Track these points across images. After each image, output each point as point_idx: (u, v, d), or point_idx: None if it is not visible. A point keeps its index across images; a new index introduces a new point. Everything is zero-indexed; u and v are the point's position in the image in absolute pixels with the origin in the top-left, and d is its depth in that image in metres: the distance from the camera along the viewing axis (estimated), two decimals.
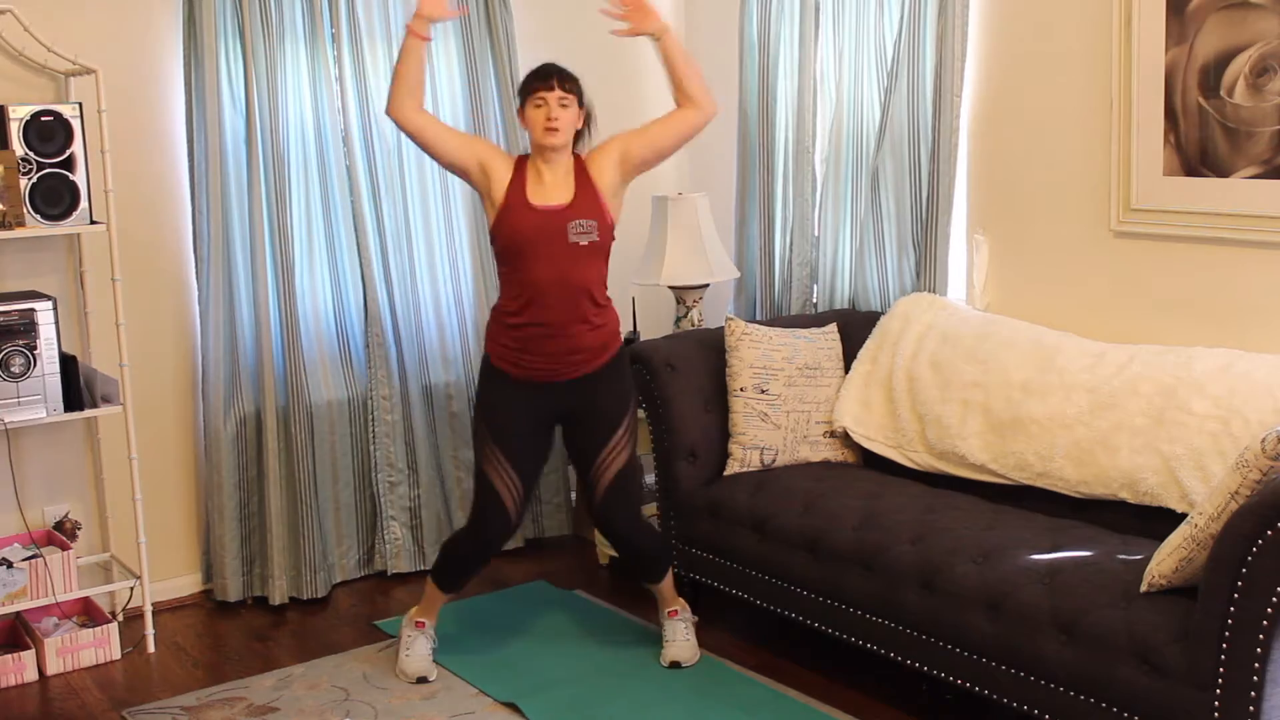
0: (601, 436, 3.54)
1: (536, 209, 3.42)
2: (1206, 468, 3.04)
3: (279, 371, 4.18)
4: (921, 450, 3.67)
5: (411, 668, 3.61)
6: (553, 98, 3.40)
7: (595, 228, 3.44)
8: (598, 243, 3.45)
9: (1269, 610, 2.47)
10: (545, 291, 3.41)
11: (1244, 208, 3.31)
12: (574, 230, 3.41)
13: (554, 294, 3.41)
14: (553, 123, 3.40)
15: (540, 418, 3.55)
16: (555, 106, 3.40)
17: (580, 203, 3.44)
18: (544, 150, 3.44)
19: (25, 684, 3.69)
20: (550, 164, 3.45)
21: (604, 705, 3.41)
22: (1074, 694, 2.79)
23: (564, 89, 3.42)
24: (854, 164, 4.24)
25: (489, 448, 3.50)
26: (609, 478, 3.56)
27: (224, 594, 4.17)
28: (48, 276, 3.93)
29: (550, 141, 3.41)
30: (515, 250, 3.43)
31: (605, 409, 3.55)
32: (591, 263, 3.46)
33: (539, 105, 3.42)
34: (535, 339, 3.44)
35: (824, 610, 3.40)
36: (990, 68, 3.89)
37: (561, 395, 3.51)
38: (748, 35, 4.47)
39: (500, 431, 3.50)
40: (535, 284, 3.41)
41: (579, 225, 3.42)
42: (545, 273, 3.40)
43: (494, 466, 3.50)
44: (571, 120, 3.45)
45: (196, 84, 4.00)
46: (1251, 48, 3.24)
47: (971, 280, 4.00)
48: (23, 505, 3.85)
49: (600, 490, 3.57)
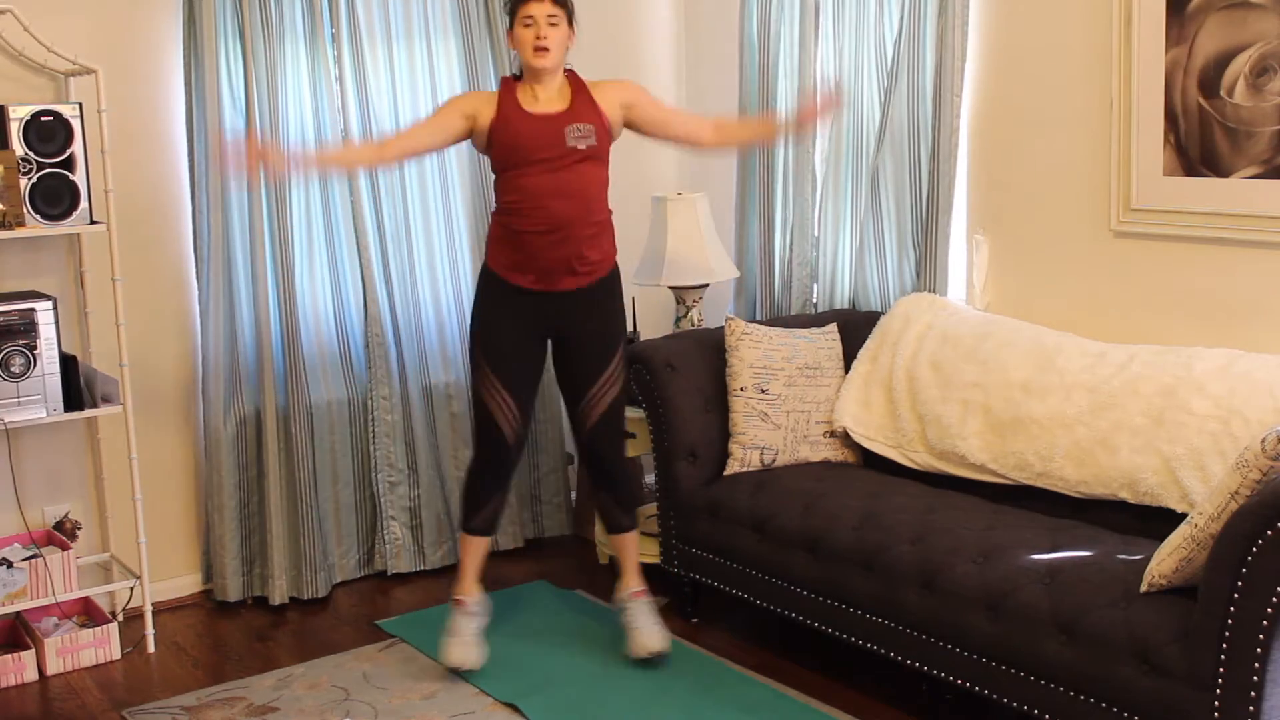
0: (595, 367, 3.55)
1: (532, 115, 3.40)
2: (1206, 468, 3.04)
3: (279, 371, 4.18)
4: (921, 450, 3.67)
5: (450, 656, 3.57)
6: (541, 15, 3.36)
7: (593, 132, 3.41)
8: (595, 147, 3.42)
9: (1269, 610, 2.47)
10: (544, 196, 3.38)
11: (1244, 208, 3.31)
12: (572, 134, 3.38)
13: (553, 199, 3.38)
14: (542, 41, 3.36)
15: (535, 336, 3.54)
16: (544, 25, 3.36)
17: (578, 109, 3.42)
18: (535, 71, 3.40)
19: (25, 684, 3.69)
20: (543, 83, 3.42)
21: (604, 705, 3.41)
22: (1074, 694, 2.79)
23: (554, 4, 3.38)
24: (854, 164, 4.24)
25: (484, 372, 3.52)
26: (600, 410, 3.58)
27: (224, 594, 4.17)
28: (48, 276, 3.94)
29: (540, 62, 3.37)
30: (512, 155, 3.39)
31: (603, 336, 3.56)
32: (590, 169, 3.43)
33: (528, 24, 3.38)
34: (534, 244, 3.42)
35: (824, 610, 3.40)
36: (990, 68, 3.89)
37: (558, 307, 3.50)
38: (748, 35, 4.47)
39: (495, 355, 3.50)
40: (534, 189, 3.38)
41: (577, 129, 3.39)
42: (544, 178, 3.37)
43: (489, 390, 3.51)
44: (562, 39, 3.41)
45: (196, 84, 4.00)
46: (1251, 48, 3.24)
47: (971, 280, 4.00)
48: (23, 505, 3.85)
49: (590, 422, 3.59)
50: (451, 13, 4.42)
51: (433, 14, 4.40)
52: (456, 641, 3.60)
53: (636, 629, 3.63)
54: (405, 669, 3.67)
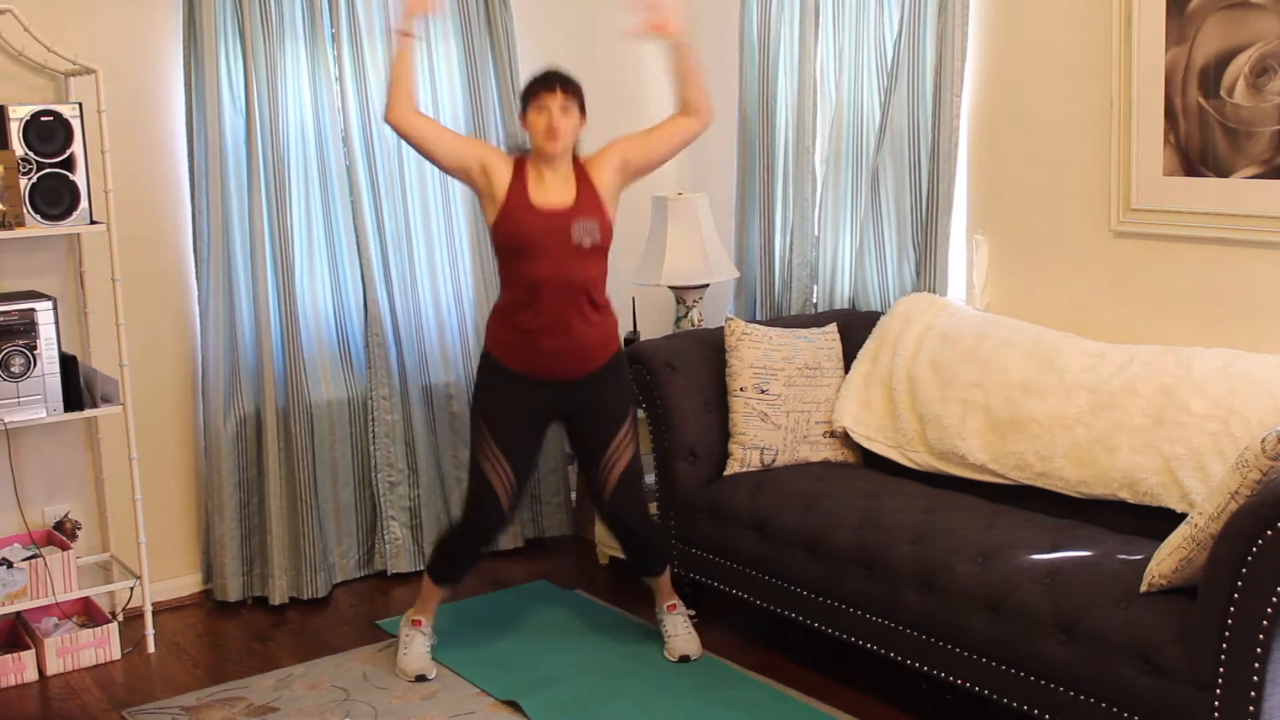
0: (607, 433, 3.57)
1: (540, 210, 3.43)
2: (1206, 468, 3.04)
3: (279, 371, 4.18)
4: (921, 450, 3.67)
5: (410, 666, 3.62)
6: (555, 104, 3.41)
7: (597, 228, 3.45)
8: (599, 244, 3.47)
9: (1269, 610, 2.47)
10: (547, 290, 3.42)
11: (1244, 208, 3.31)
12: (577, 231, 3.42)
13: (556, 293, 3.42)
14: (554, 129, 3.40)
15: (539, 414, 3.57)
16: (557, 113, 3.41)
17: (583, 204, 3.46)
18: (546, 156, 3.45)
19: (25, 684, 3.69)
20: (552, 167, 3.46)
21: (605, 704, 3.41)
22: (1074, 694, 2.79)
23: (566, 95, 3.43)
24: (854, 164, 4.24)
25: (485, 441, 3.52)
26: (617, 473, 3.59)
27: (224, 594, 4.17)
28: (48, 276, 3.93)
29: (551, 149, 3.42)
30: (518, 250, 3.44)
31: (609, 406, 3.58)
32: (593, 263, 3.48)
33: (541, 111, 3.42)
34: (538, 336, 3.45)
35: (824, 610, 3.40)
36: (990, 68, 3.89)
37: (563, 394, 3.53)
38: (748, 35, 4.47)
39: (497, 424, 3.51)
40: (537, 283, 3.42)
41: (582, 226, 3.43)
42: (548, 272, 3.41)
43: (489, 460, 3.51)
44: (573, 126, 3.46)
45: (196, 84, 4.00)
46: (1251, 48, 3.24)
47: (971, 280, 4.00)
48: (23, 505, 3.85)
49: (609, 486, 3.60)
50: (451, 13, 4.42)
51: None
52: (415, 655, 3.65)
53: (672, 635, 3.73)
54: None
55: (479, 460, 3.54)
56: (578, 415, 3.58)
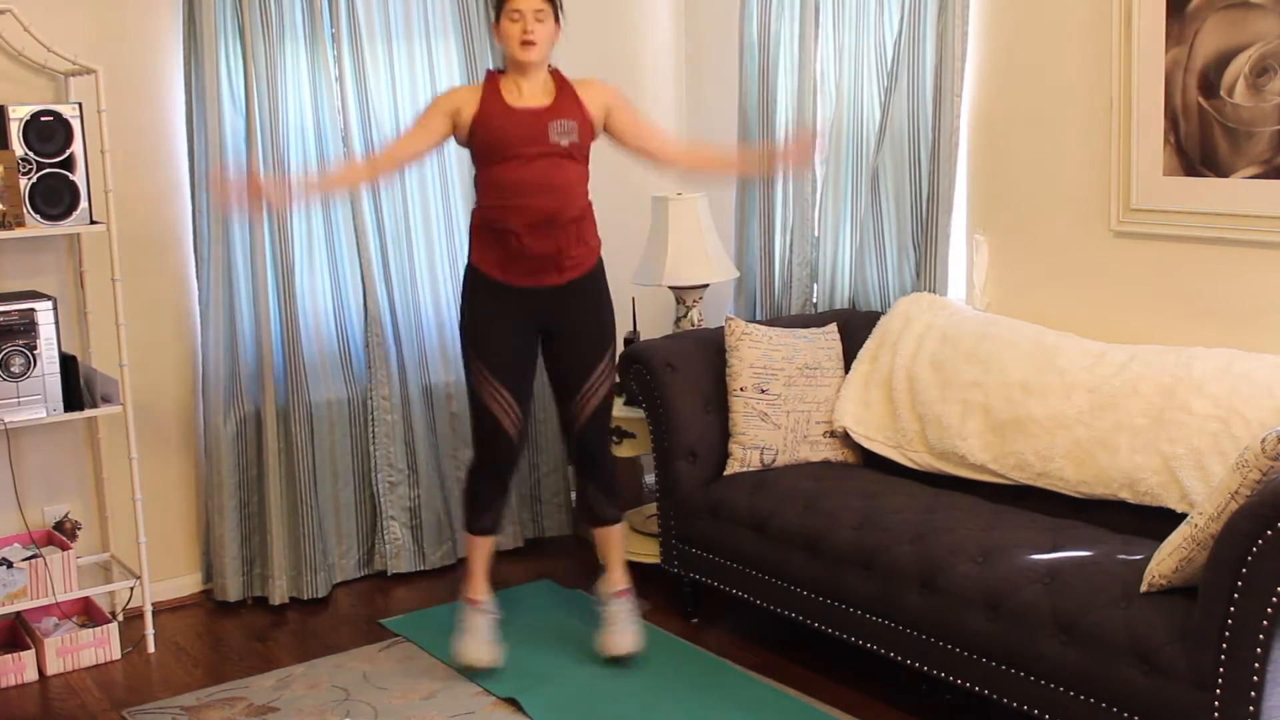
0: (588, 362, 3.56)
1: (515, 109, 3.39)
2: (1206, 468, 3.04)
3: (279, 371, 4.18)
4: (921, 450, 3.67)
5: (463, 654, 3.58)
6: (528, 9, 3.36)
7: (575, 129, 3.40)
8: (578, 144, 3.42)
9: (1269, 610, 2.47)
10: (525, 192, 3.37)
11: (1244, 208, 3.31)
12: (555, 130, 3.38)
13: (534, 195, 3.38)
14: (529, 35, 3.35)
15: (525, 327, 3.54)
16: (531, 19, 3.35)
17: (561, 105, 3.42)
18: (520, 65, 3.40)
19: (25, 684, 3.69)
20: (527, 77, 3.41)
21: (606, 704, 3.41)
22: (1074, 694, 2.79)
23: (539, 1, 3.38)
24: (854, 164, 4.24)
25: (479, 370, 3.51)
26: (593, 405, 3.60)
27: (224, 594, 4.17)
28: (48, 276, 3.94)
29: (527, 56, 3.37)
30: (494, 150, 3.38)
31: (592, 331, 3.56)
32: (572, 165, 3.43)
33: (514, 19, 3.37)
34: (518, 238, 3.41)
35: (824, 610, 3.40)
36: (990, 68, 3.89)
37: (545, 302, 3.50)
38: (748, 35, 4.47)
39: (488, 352, 3.50)
40: (515, 185, 3.37)
41: (560, 125, 3.38)
42: (526, 174, 3.36)
43: (486, 389, 3.50)
44: (549, 33, 3.41)
45: (196, 84, 4.00)
46: (1251, 48, 3.24)
47: (971, 280, 4.00)
48: (23, 505, 3.85)
49: (582, 419, 3.60)
50: (451, 13, 4.42)
51: (433, 14, 4.40)
52: (472, 640, 3.61)
53: (612, 627, 3.64)
54: (405, 669, 3.67)
55: (477, 392, 3.52)
56: (559, 334, 3.55)
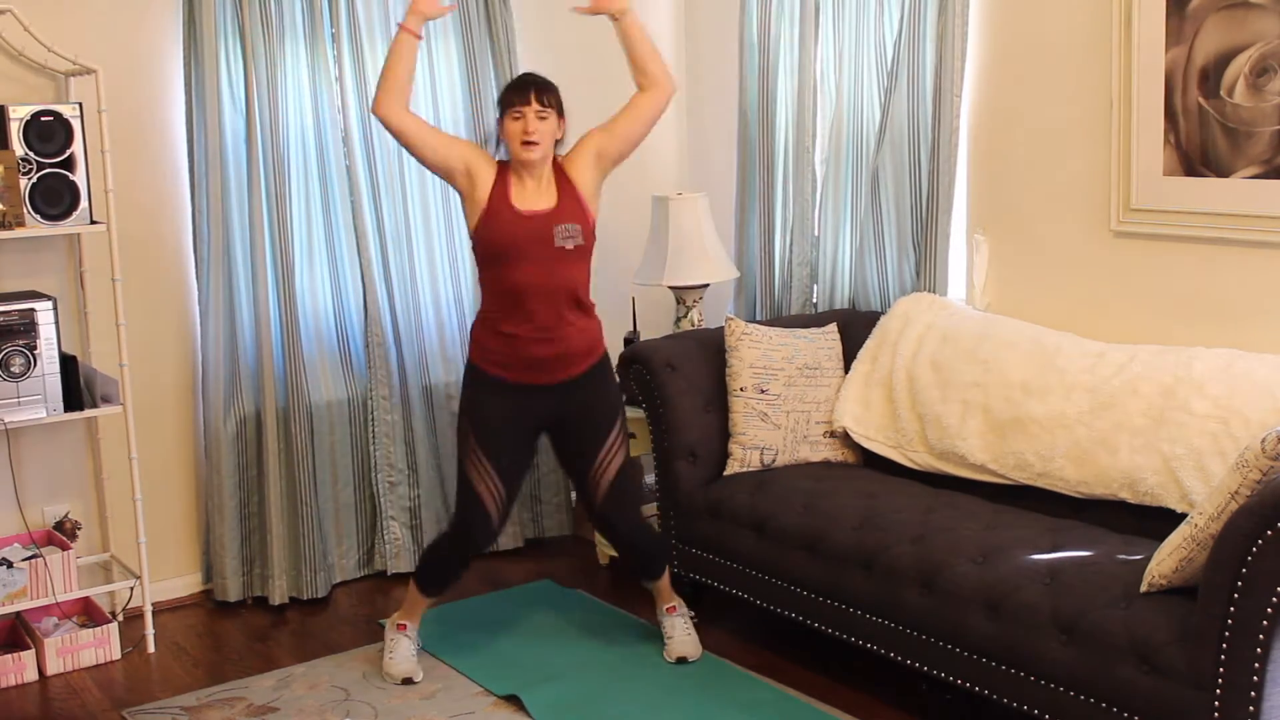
0: (598, 439, 3.54)
1: (522, 214, 3.42)
2: (1206, 468, 3.04)
3: (279, 371, 4.18)
4: (921, 450, 3.67)
5: (396, 669, 3.60)
6: (530, 111, 3.40)
7: (580, 231, 3.44)
8: (583, 246, 3.45)
9: (1269, 610, 2.47)
10: (531, 295, 3.41)
11: (1244, 208, 3.31)
12: (560, 235, 3.41)
13: (540, 298, 3.41)
14: (530, 136, 3.39)
15: (526, 423, 3.54)
16: (533, 120, 3.39)
17: (564, 207, 3.45)
18: (524, 163, 3.44)
19: (25, 684, 3.69)
20: (532, 173, 3.45)
21: (606, 702, 3.41)
22: (1074, 694, 2.79)
23: (541, 102, 3.41)
24: (854, 164, 4.24)
25: (473, 451, 3.50)
26: (608, 479, 3.56)
27: (224, 594, 4.17)
28: (48, 276, 3.93)
29: (529, 155, 3.41)
30: (501, 255, 3.42)
31: (597, 412, 3.55)
32: (576, 265, 3.46)
33: (517, 119, 3.41)
34: (523, 343, 3.44)
35: (824, 610, 3.40)
36: (990, 68, 3.89)
37: (549, 400, 3.51)
38: (748, 35, 4.47)
39: (485, 434, 3.49)
40: (521, 289, 3.41)
41: (565, 230, 3.42)
42: (531, 277, 3.40)
43: (477, 470, 3.49)
44: (550, 132, 3.44)
45: (196, 84, 4.00)
46: (1251, 48, 3.24)
47: (971, 280, 4.00)
48: (23, 505, 3.85)
49: (600, 493, 3.58)
50: (451, 13, 4.41)
51: None
52: (401, 659, 3.62)
53: (671, 637, 3.71)
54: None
55: (466, 470, 3.51)
56: (565, 423, 3.55)
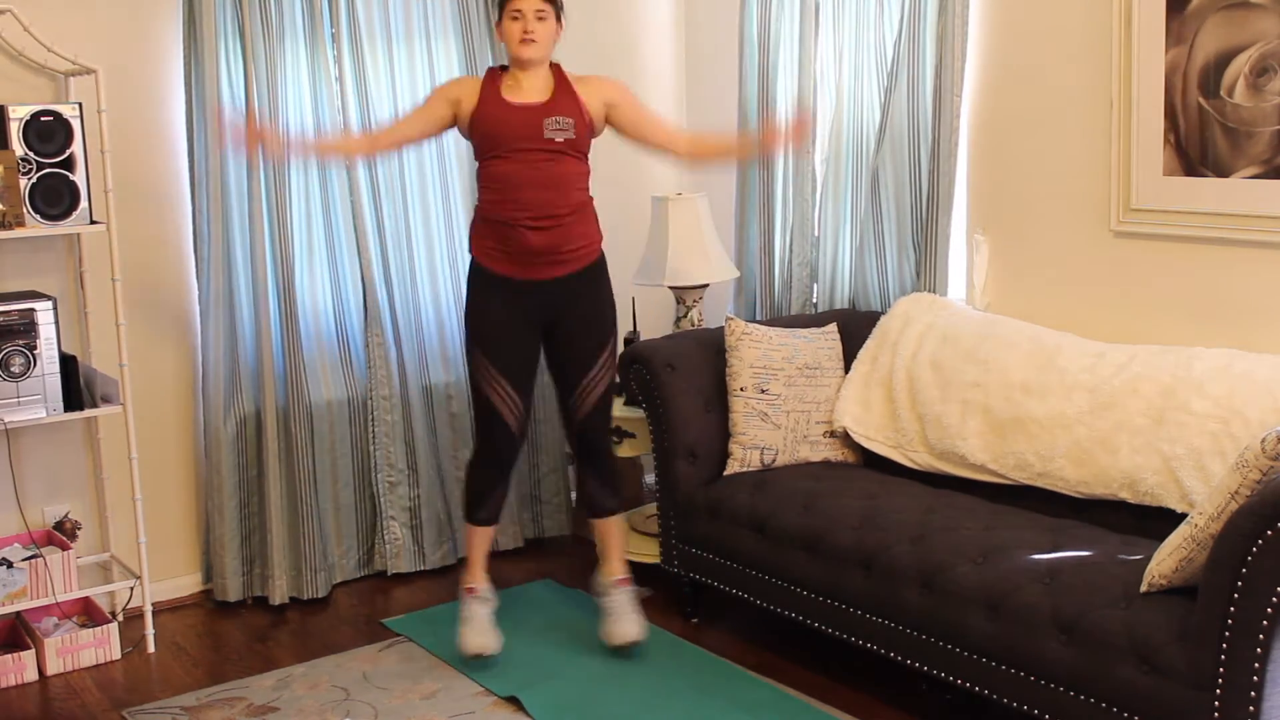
0: (589, 355, 3.59)
1: (512, 104, 3.44)
2: (1206, 468, 3.04)
3: (279, 371, 4.18)
4: (921, 450, 3.67)
5: (467, 644, 3.61)
6: (529, 9, 3.41)
7: (572, 125, 3.44)
8: (574, 140, 3.45)
9: (1269, 610, 2.47)
10: (521, 186, 3.41)
11: (1244, 208, 3.31)
12: (550, 126, 3.41)
13: (532, 189, 3.42)
14: (529, 34, 3.40)
15: (528, 320, 3.56)
16: (532, 18, 3.40)
17: (558, 101, 3.45)
18: (521, 62, 3.43)
19: (25, 684, 3.69)
20: (528, 73, 3.45)
21: (606, 702, 3.41)
22: (1074, 694, 2.79)
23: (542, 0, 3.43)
24: (854, 164, 4.24)
25: (482, 363, 3.54)
26: (594, 398, 3.63)
27: (224, 594, 4.17)
28: (48, 276, 3.93)
29: (527, 54, 3.41)
30: (491, 145, 3.43)
31: (592, 324, 3.59)
32: (569, 160, 3.46)
33: (515, 17, 3.42)
34: (517, 231, 3.45)
35: (824, 610, 3.40)
36: (990, 68, 3.89)
37: (546, 296, 3.53)
38: (748, 35, 4.47)
39: (491, 345, 3.53)
40: (511, 179, 3.41)
41: (556, 121, 3.42)
42: (523, 169, 3.40)
43: (489, 382, 3.53)
44: (549, 32, 3.45)
45: (196, 84, 4.00)
46: (1251, 48, 3.24)
47: (971, 280, 4.00)
48: (23, 505, 3.85)
49: (584, 412, 3.64)
50: (451, 13, 4.42)
51: (433, 14, 4.40)
52: (473, 629, 3.64)
53: (614, 617, 3.66)
54: (405, 669, 3.67)
55: (479, 385, 3.56)
56: (561, 327, 3.58)
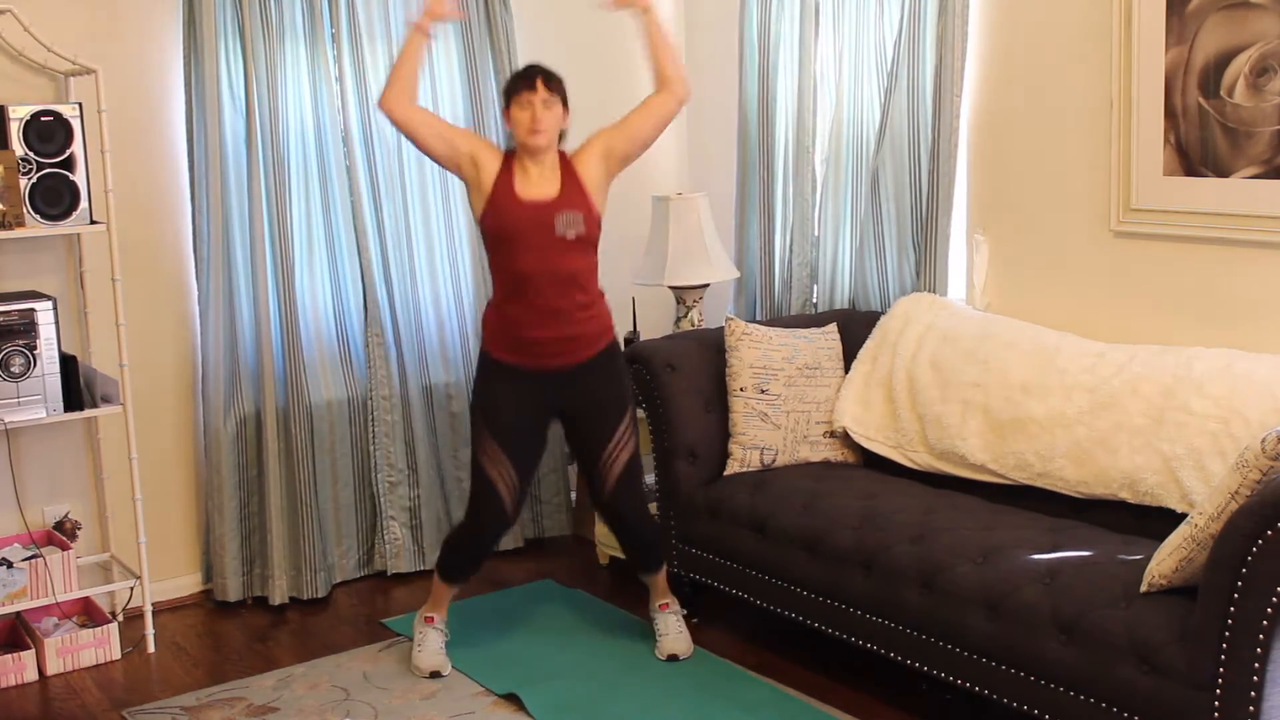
0: (608, 428, 3.57)
1: (524, 202, 3.44)
2: (1206, 468, 3.04)
3: (279, 371, 4.18)
4: (921, 450, 3.67)
5: (424, 663, 3.63)
6: (537, 99, 3.42)
7: (582, 220, 3.46)
8: (584, 235, 3.47)
9: (1269, 610, 2.47)
10: (534, 282, 3.43)
11: (1244, 208, 3.31)
12: (561, 223, 3.43)
13: (543, 284, 3.43)
14: (537, 124, 3.41)
15: (538, 411, 3.57)
16: (539, 108, 3.42)
17: (567, 196, 3.47)
18: (530, 150, 3.45)
19: (25, 684, 3.69)
20: (536, 161, 3.47)
21: (606, 702, 3.41)
22: (1074, 694, 2.79)
23: (548, 90, 3.43)
24: (854, 164, 4.24)
25: (486, 441, 3.52)
26: (619, 469, 3.60)
27: (224, 594, 4.17)
28: (48, 276, 3.93)
29: (534, 143, 3.43)
30: (504, 242, 3.45)
31: (606, 402, 3.58)
32: (579, 255, 3.48)
33: (523, 107, 3.43)
34: (529, 326, 3.46)
35: (824, 610, 3.40)
36: (990, 68, 3.89)
37: (560, 387, 3.53)
38: (748, 35, 4.47)
39: (497, 424, 3.52)
40: (524, 275, 3.43)
41: (566, 218, 3.44)
42: (534, 264, 3.42)
43: (490, 460, 3.52)
44: (556, 120, 3.46)
45: (196, 84, 4.00)
46: (1251, 48, 3.24)
47: (971, 280, 4.00)
48: (23, 505, 3.85)
49: (610, 482, 3.60)
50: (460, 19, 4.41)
51: None
52: (427, 650, 3.66)
53: (663, 634, 3.73)
54: (405, 669, 3.67)
55: (479, 458, 3.54)
56: (575, 410, 3.58)
